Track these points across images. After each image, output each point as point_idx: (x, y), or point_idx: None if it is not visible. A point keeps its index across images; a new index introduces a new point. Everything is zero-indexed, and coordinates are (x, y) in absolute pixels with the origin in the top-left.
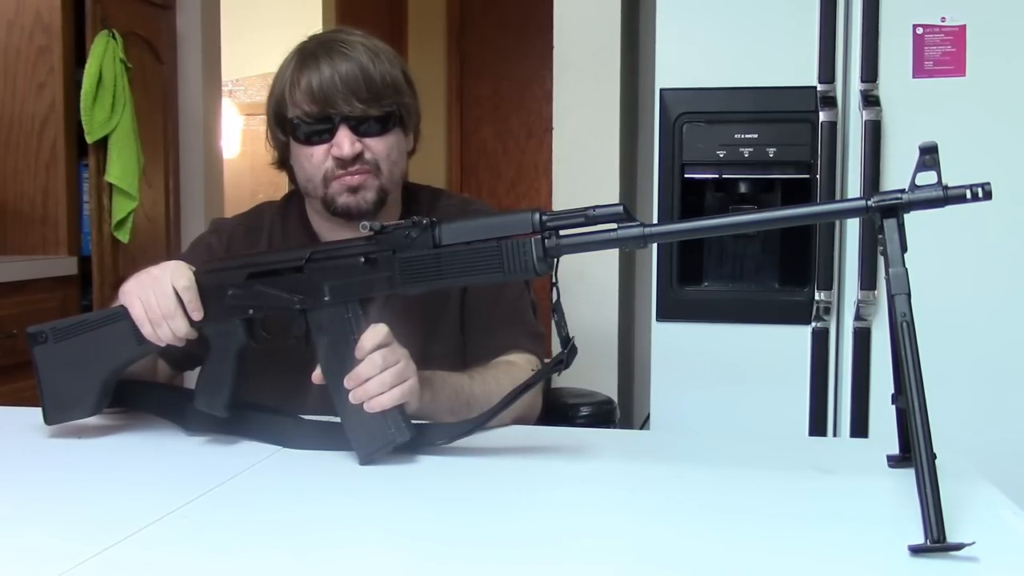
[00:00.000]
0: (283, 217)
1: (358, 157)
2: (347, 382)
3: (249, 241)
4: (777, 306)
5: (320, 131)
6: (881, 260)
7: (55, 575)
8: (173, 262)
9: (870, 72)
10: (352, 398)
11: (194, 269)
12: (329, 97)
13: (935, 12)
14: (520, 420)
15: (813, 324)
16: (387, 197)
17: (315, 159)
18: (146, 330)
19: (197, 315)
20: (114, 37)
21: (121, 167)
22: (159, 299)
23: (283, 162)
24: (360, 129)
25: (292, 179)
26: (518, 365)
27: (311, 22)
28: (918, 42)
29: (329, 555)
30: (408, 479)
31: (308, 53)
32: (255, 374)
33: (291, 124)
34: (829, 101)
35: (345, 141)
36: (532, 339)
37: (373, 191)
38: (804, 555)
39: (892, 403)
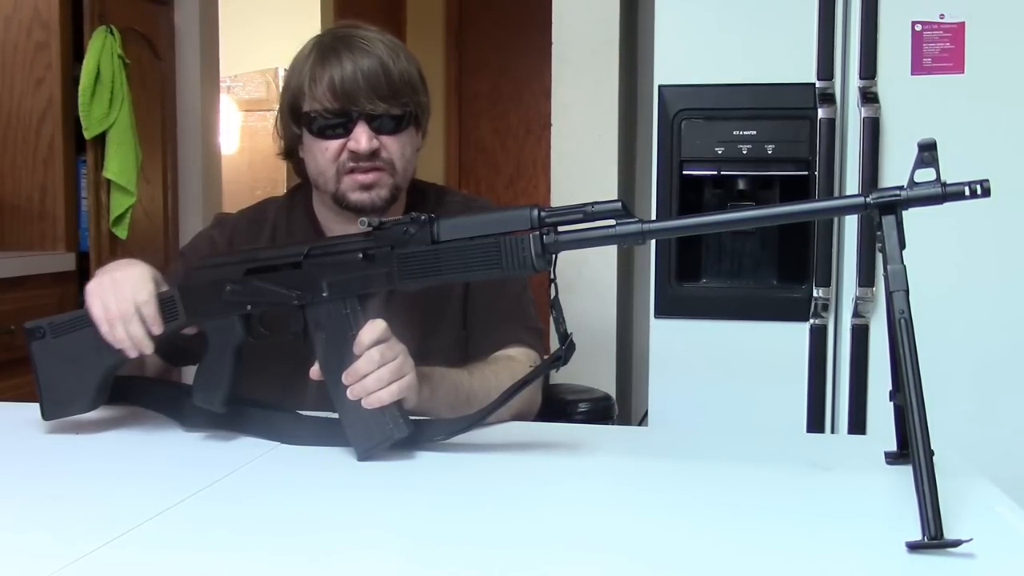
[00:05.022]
0: (288, 210)
1: (374, 154)
2: (345, 378)
3: (252, 234)
4: (775, 303)
5: (337, 125)
6: (879, 257)
7: (52, 571)
8: (136, 271)
9: (869, 69)
10: (350, 394)
11: (158, 278)
12: (351, 93)
13: (934, 9)
14: (519, 416)
15: (811, 321)
16: (399, 195)
17: (329, 153)
18: (104, 331)
19: (157, 330)
20: (112, 33)
21: (119, 163)
22: (119, 304)
23: (290, 153)
24: (377, 125)
25: (298, 171)
26: (517, 360)
27: (310, 19)
28: (917, 39)
29: (327, 551)
30: (406, 475)
31: (327, 47)
32: (253, 370)
33: (307, 117)
34: (828, 98)
35: (363, 136)
36: (532, 334)
37: (387, 188)
38: (801, 551)
39: (890, 400)
